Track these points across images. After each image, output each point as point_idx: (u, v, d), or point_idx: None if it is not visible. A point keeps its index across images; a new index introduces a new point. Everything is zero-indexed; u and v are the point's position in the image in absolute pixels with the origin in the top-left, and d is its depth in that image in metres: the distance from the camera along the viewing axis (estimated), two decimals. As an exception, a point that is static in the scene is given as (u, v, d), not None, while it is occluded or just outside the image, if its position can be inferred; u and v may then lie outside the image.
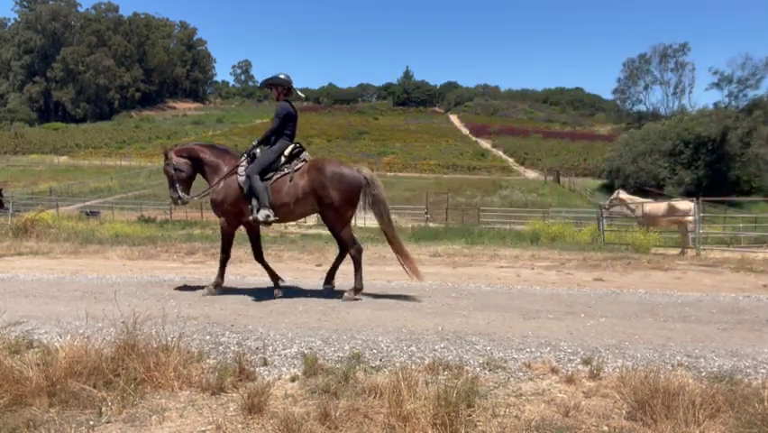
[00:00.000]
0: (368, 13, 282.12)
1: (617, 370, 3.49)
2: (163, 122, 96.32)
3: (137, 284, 6.72)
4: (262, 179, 5.70)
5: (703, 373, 3.50)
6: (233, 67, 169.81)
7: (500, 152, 71.43)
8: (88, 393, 2.94)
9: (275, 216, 5.69)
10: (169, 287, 6.51)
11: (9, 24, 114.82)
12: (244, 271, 8.17)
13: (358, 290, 5.90)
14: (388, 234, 5.99)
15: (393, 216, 6.42)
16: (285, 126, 5.96)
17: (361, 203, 5.82)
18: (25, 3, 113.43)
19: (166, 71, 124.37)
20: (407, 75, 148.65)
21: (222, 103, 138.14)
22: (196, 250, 10.49)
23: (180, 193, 6.09)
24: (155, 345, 3.37)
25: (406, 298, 5.96)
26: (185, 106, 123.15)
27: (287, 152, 5.89)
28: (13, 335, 4.10)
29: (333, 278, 6.32)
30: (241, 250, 10.67)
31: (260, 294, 6.12)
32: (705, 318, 5.10)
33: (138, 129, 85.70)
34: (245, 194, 5.74)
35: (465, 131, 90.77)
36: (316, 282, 7.06)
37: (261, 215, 5.63)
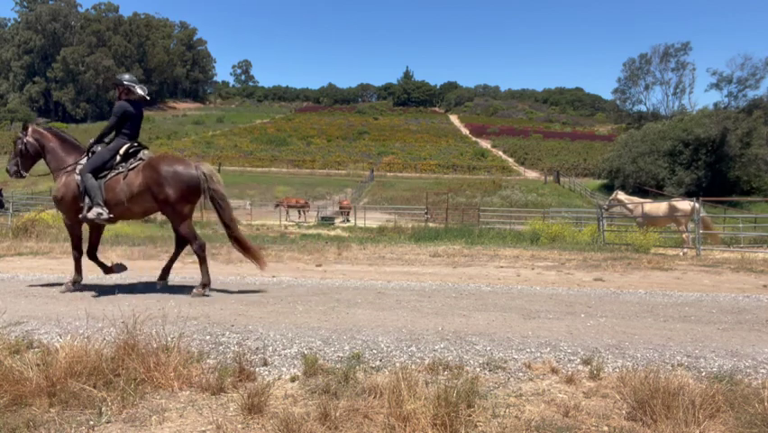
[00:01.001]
0: (368, 13, 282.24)
1: (617, 370, 3.49)
2: (163, 122, 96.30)
3: (137, 284, 6.72)
4: (97, 178, 5.79)
5: (703, 373, 3.50)
6: (233, 67, 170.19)
7: (500, 153, 71.48)
8: (88, 393, 2.94)
9: (110, 214, 5.78)
10: (170, 287, 6.51)
11: (9, 24, 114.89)
12: (244, 271, 8.17)
13: (205, 285, 5.96)
14: (230, 228, 6.09)
15: (392, 216, 6.45)
16: (122, 125, 6.07)
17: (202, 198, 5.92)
18: (25, 3, 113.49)
19: (166, 71, 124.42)
20: (407, 75, 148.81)
21: (222, 103, 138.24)
22: (196, 250, 10.47)
23: (20, 168, 6.32)
24: (155, 345, 3.37)
25: (405, 298, 5.96)
26: (185, 106, 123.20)
27: (122, 150, 5.97)
28: (13, 335, 4.10)
29: (167, 273, 6.41)
30: (241, 250, 10.68)
31: (260, 294, 6.12)
32: (705, 318, 5.10)
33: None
34: (81, 192, 5.86)
35: (465, 131, 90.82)
36: (316, 282, 7.07)
37: (92, 213, 5.72)
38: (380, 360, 3.76)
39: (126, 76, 6.21)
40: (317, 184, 47.72)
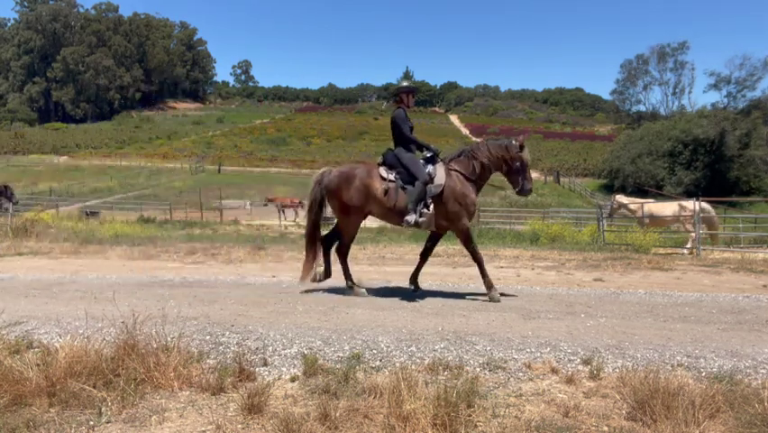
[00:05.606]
0: (368, 13, 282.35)
1: (617, 370, 3.49)
2: (163, 122, 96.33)
3: (137, 284, 6.72)
4: None
5: (703, 373, 3.50)
6: (233, 67, 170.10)
7: (500, 153, 71.38)
8: (88, 393, 2.93)
9: None
10: (170, 287, 6.50)
11: (9, 24, 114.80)
12: (244, 270, 8.17)
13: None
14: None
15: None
16: None
17: None
18: (25, 3, 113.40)
19: (166, 71, 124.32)
20: (407, 75, 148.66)
21: (222, 103, 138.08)
22: (195, 250, 10.49)
23: None
24: (155, 346, 3.36)
25: (406, 298, 5.96)
26: (185, 106, 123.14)
27: None
28: (13, 335, 4.10)
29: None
30: (242, 251, 10.68)
31: (260, 294, 6.12)
32: (705, 318, 5.10)
33: (138, 129, 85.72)
34: None
35: (465, 131, 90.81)
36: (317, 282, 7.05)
37: None
38: (380, 360, 3.76)
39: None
40: (317, 184, 47.63)
